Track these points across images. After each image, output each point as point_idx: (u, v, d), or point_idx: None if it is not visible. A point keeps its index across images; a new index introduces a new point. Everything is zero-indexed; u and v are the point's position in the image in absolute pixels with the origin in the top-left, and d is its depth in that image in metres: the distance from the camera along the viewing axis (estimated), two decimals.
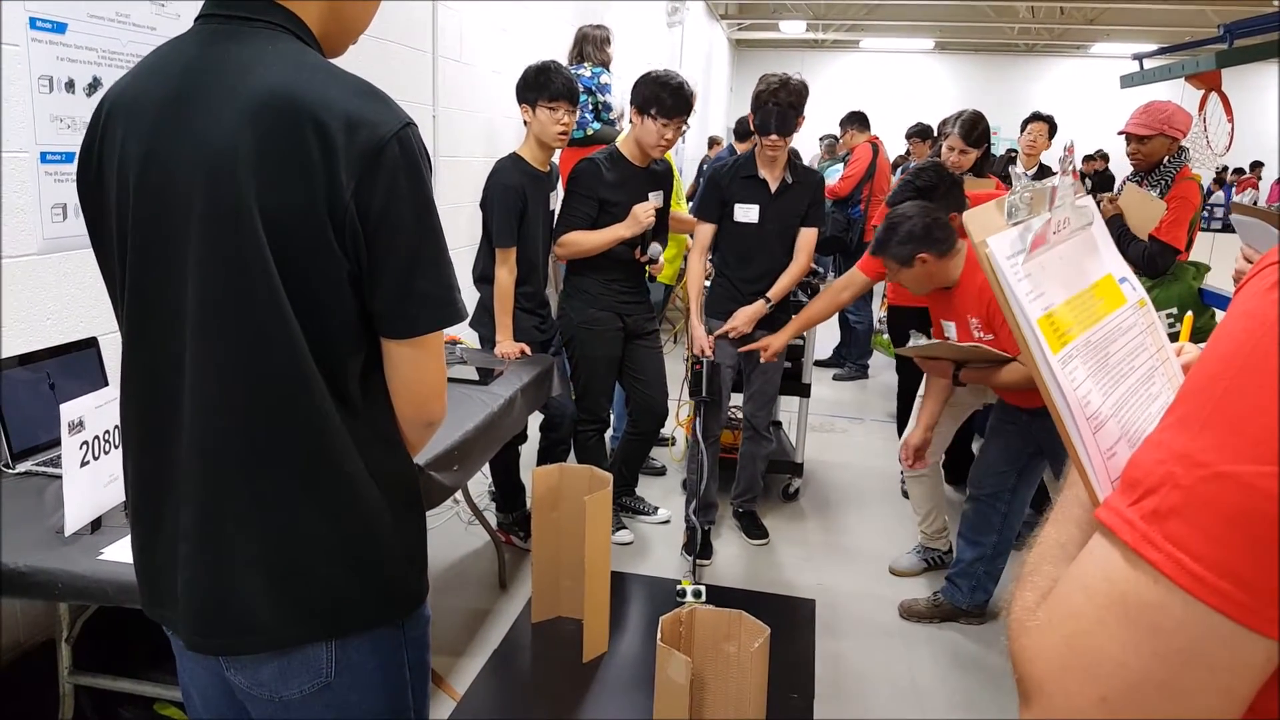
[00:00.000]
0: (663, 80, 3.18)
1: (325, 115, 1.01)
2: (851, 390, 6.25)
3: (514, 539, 3.53)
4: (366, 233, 1.05)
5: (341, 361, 1.10)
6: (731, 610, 2.15)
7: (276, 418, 1.07)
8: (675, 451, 4.44)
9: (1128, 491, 0.57)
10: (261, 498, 1.09)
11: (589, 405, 3.48)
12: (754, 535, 3.74)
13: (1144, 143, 3.52)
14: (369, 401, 1.14)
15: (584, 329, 3.39)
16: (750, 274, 3.41)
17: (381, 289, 1.08)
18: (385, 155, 1.03)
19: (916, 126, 7.65)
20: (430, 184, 1.10)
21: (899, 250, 2.85)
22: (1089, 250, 0.77)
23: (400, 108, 1.08)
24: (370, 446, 1.14)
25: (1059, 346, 0.67)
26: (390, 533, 1.17)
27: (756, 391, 3.60)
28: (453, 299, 1.14)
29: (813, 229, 3.43)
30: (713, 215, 3.40)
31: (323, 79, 1.05)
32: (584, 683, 2.74)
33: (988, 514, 3.06)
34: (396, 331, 1.11)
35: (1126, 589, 0.54)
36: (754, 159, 3.35)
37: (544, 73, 3.10)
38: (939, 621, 3.20)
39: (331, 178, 1.01)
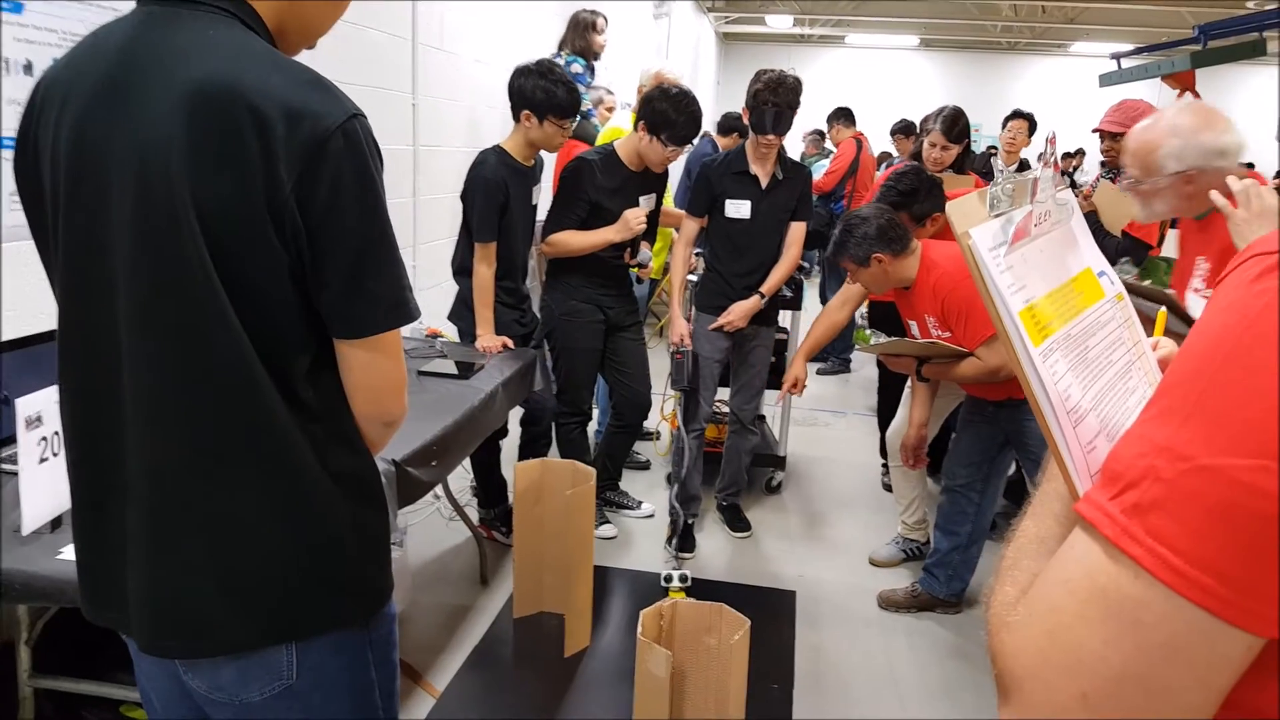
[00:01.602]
0: (677, 104, 3.15)
1: (264, 105, 0.97)
2: (834, 384, 6.26)
3: (495, 534, 3.50)
4: (309, 229, 1.01)
5: (289, 359, 1.06)
6: (712, 603, 2.14)
7: (222, 417, 1.04)
8: (659, 446, 4.43)
9: (1108, 485, 0.56)
10: (210, 499, 1.06)
11: (571, 398, 3.46)
12: (737, 528, 3.74)
13: (1117, 140, 3.58)
14: (322, 399, 1.10)
15: (565, 320, 3.38)
16: (742, 268, 3.40)
17: (327, 288, 1.04)
18: (329, 149, 0.99)
19: (900, 123, 7.68)
20: (380, 179, 1.06)
21: (856, 251, 2.91)
22: (1069, 244, 0.76)
23: (347, 98, 1.04)
24: (325, 445, 1.10)
25: (1040, 340, 0.66)
26: (350, 532, 1.14)
27: (743, 385, 3.60)
28: (404, 299, 1.10)
29: (802, 223, 3.45)
30: (702, 210, 3.41)
31: (264, 67, 1.01)
32: (566, 678, 2.73)
33: (962, 504, 3.10)
34: (346, 332, 1.08)
35: (1107, 583, 0.54)
36: (744, 154, 3.34)
37: (554, 84, 3.02)
38: (917, 611, 3.22)
39: (270, 172, 0.97)
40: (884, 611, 3.24)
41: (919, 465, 3.24)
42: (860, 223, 2.91)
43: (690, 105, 3.18)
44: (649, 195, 3.39)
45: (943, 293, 2.83)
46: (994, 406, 2.96)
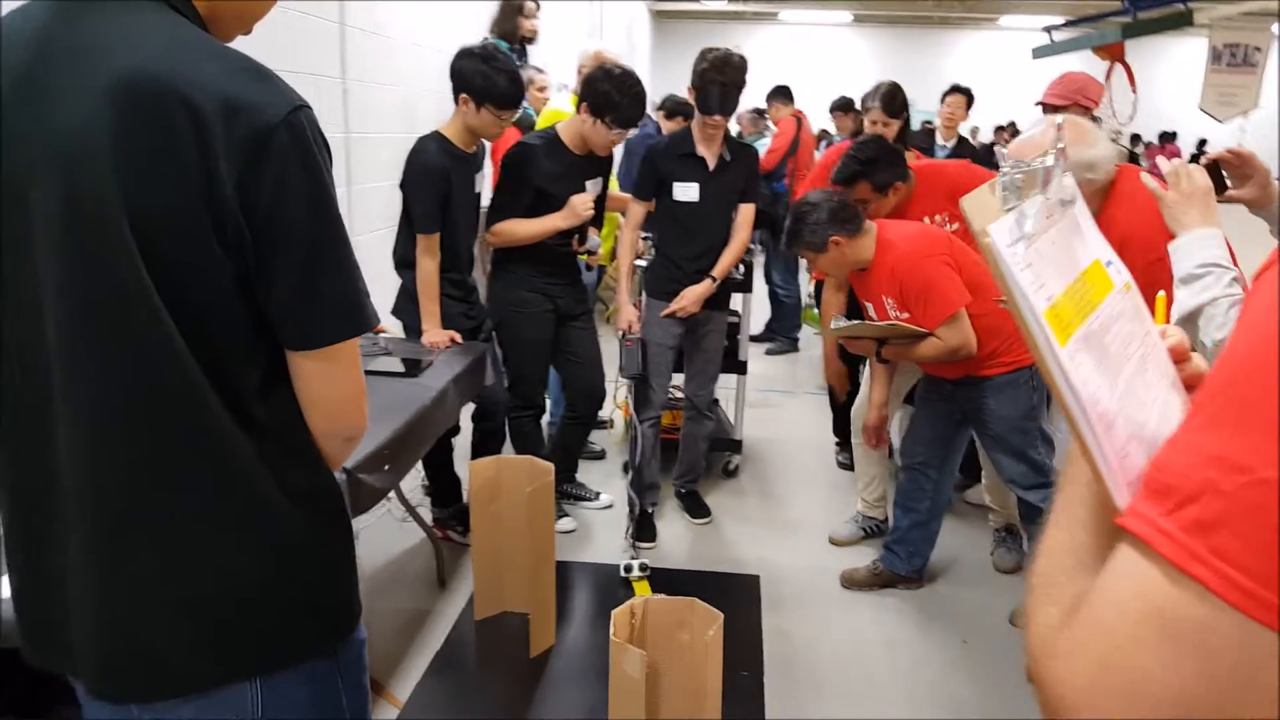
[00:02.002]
0: (621, 85, 3.07)
1: (199, 98, 0.88)
2: (782, 364, 6.26)
3: (451, 534, 3.41)
4: (254, 232, 0.93)
5: (238, 374, 0.98)
6: (683, 598, 2.09)
7: (167, 441, 0.96)
8: (614, 434, 4.37)
9: (1159, 499, 0.52)
10: (158, 528, 0.98)
11: (523, 391, 3.38)
12: (697, 514, 3.70)
13: (1059, 113, 3.59)
14: (276, 415, 1.02)
15: (513, 311, 3.29)
16: (692, 252, 3.35)
17: (277, 295, 0.96)
18: (272, 144, 0.91)
19: (839, 100, 7.67)
20: (329, 174, 0.98)
21: (812, 238, 2.87)
22: (1075, 233, 0.71)
23: (290, 88, 0.96)
24: (282, 464, 1.02)
25: (1065, 340, 0.61)
26: (313, 555, 1.07)
27: (698, 371, 3.56)
28: (360, 303, 1.02)
29: (751, 204, 3.41)
30: (649, 194, 3.33)
31: (196, 56, 0.92)
32: (533, 678, 2.66)
33: (920, 481, 3.11)
34: (299, 342, 1.00)
35: (1167, 606, 0.50)
36: (689, 136, 3.28)
37: (496, 72, 2.90)
38: (879, 589, 3.22)
39: (208, 170, 0.89)
40: (847, 591, 3.23)
41: (881, 445, 3.23)
42: (811, 208, 2.88)
43: (634, 86, 3.10)
44: (595, 180, 3.31)
45: (901, 273, 2.81)
46: (951, 385, 2.96)
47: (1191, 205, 1.73)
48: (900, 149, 3.38)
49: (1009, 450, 2.91)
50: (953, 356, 2.77)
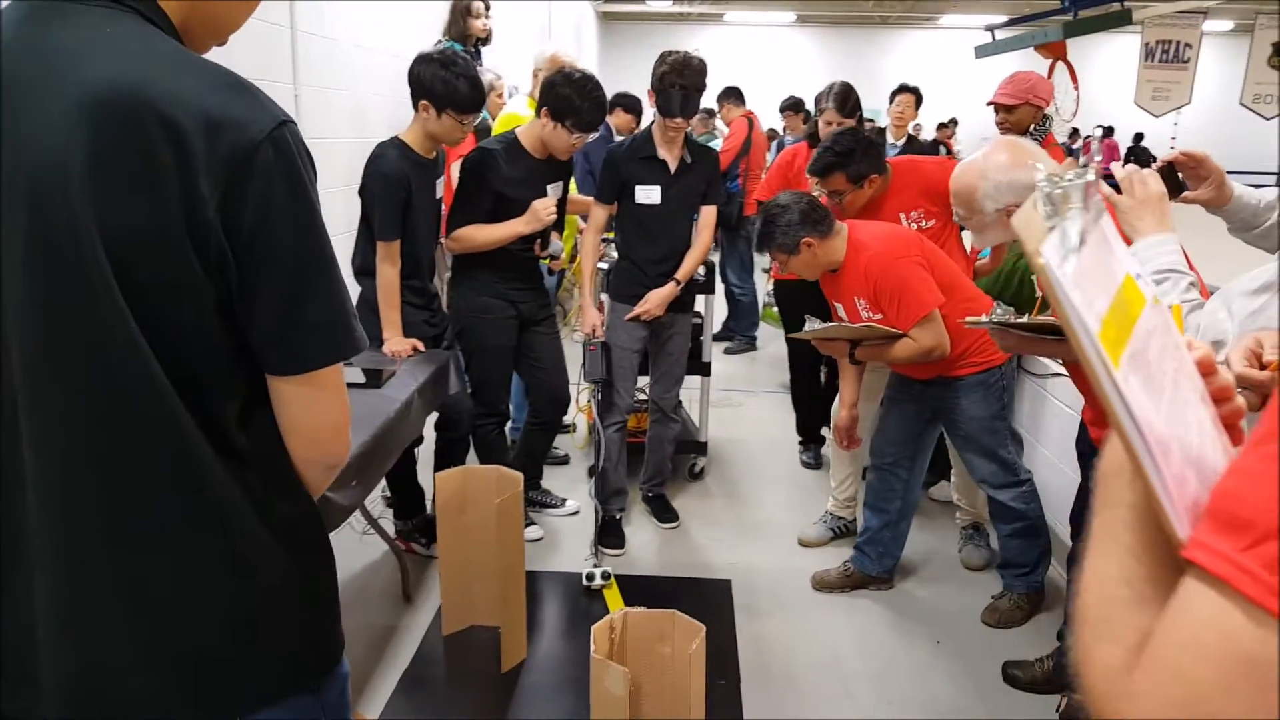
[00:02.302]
0: (581, 89, 3.02)
1: (179, 114, 0.84)
2: (742, 363, 6.25)
3: (415, 547, 3.33)
4: (237, 253, 0.88)
5: (218, 403, 0.93)
6: (663, 611, 2.05)
7: (143, 475, 0.90)
8: (577, 438, 4.32)
9: (1234, 532, 0.49)
10: (133, 565, 0.92)
11: (486, 398, 3.31)
12: (664, 519, 3.67)
13: (1011, 112, 3.66)
14: (256, 444, 0.97)
15: (475, 318, 3.22)
16: (655, 255, 3.32)
17: (261, 319, 0.92)
18: (256, 162, 0.87)
19: (789, 100, 7.71)
20: (315, 191, 0.94)
21: (784, 239, 2.86)
22: (1106, 248, 0.68)
23: (274, 103, 0.91)
24: (264, 497, 0.97)
25: (1117, 362, 0.58)
26: (295, 588, 1.02)
27: (663, 374, 3.53)
28: (349, 325, 0.98)
29: (713, 206, 3.40)
30: (611, 197, 3.30)
31: (173, 69, 0.87)
32: (506, 692, 2.61)
33: (890, 482, 3.11)
34: (282, 367, 0.95)
35: (1253, 650, 0.46)
36: (650, 139, 3.25)
37: (457, 78, 2.82)
38: (850, 590, 3.21)
39: (189, 190, 0.84)
40: (820, 593, 3.22)
41: (853, 446, 3.22)
42: (782, 210, 2.86)
43: (595, 90, 3.06)
44: (555, 184, 3.25)
45: (874, 274, 2.80)
46: (921, 385, 2.96)
47: (1146, 210, 1.72)
48: (878, 142, 3.39)
49: (980, 450, 2.92)
50: (926, 357, 2.76)
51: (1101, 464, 0.67)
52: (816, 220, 2.84)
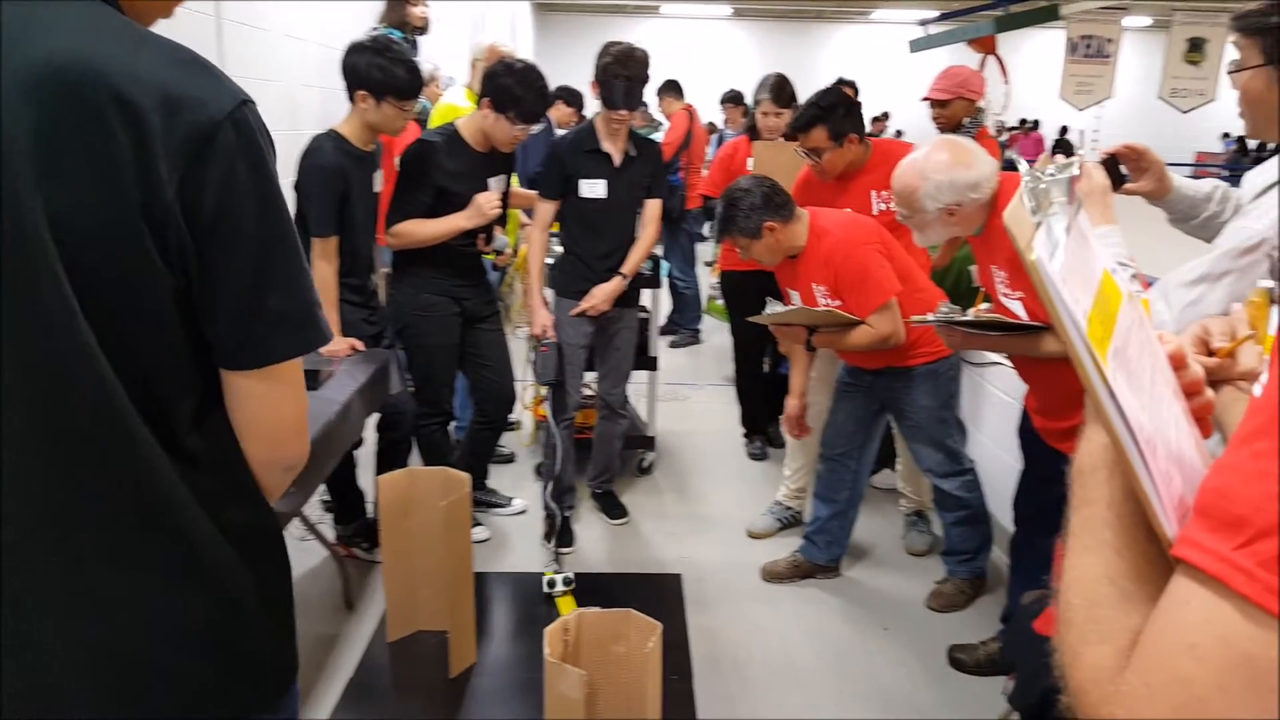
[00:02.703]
0: (524, 80, 2.96)
1: (134, 92, 0.78)
2: (687, 356, 6.25)
3: (356, 552, 3.24)
4: (198, 239, 0.83)
5: (171, 402, 0.87)
6: (618, 610, 2.01)
7: (88, 480, 0.84)
8: (523, 436, 4.26)
9: (1227, 531, 0.48)
10: (81, 579, 0.86)
11: (430, 397, 3.24)
12: (614, 515, 3.64)
13: (945, 107, 3.70)
14: (211, 446, 0.92)
15: (418, 316, 3.14)
16: (601, 250, 3.27)
17: (221, 310, 0.87)
18: (218, 142, 0.82)
19: (730, 92, 7.72)
20: (276, 175, 0.89)
21: (746, 224, 2.83)
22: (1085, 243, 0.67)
23: (232, 81, 0.86)
24: (218, 501, 0.92)
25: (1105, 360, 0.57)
26: (254, 602, 0.96)
27: (611, 369, 3.49)
28: (314, 316, 0.93)
29: (658, 200, 3.36)
30: (556, 192, 3.23)
31: (128, 45, 0.81)
32: (455, 699, 2.55)
33: (840, 472, 3.12)
34: (244, 361, 0.90)
35: (1251, 649, 0.46)
36: (593, 132, 3.20)
37: (393, 63, 2.75)
38: (799, 580, 3.22)
39: (146, 172, 0.79)
40: (770, 585, 3.22)
41: (804, 434, 3.22)
42: (744, 194, 2.84)
43: (538, 80, 3.01)
44: (498, 177, 3.19)
45: (836, 261, 2.79)
46: (871, 376, 2.97)
47: (1091, 203, 1.75)
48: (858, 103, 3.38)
49: (927, 439, 2.94)
50: (883, 344, 2.77)
51: (1077, 461, 0.67)
52: (779, 205, 2.83)
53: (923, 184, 2.26)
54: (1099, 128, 16.67)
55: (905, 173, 2.32)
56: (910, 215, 2.35)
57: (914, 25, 11.39)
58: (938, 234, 2.37)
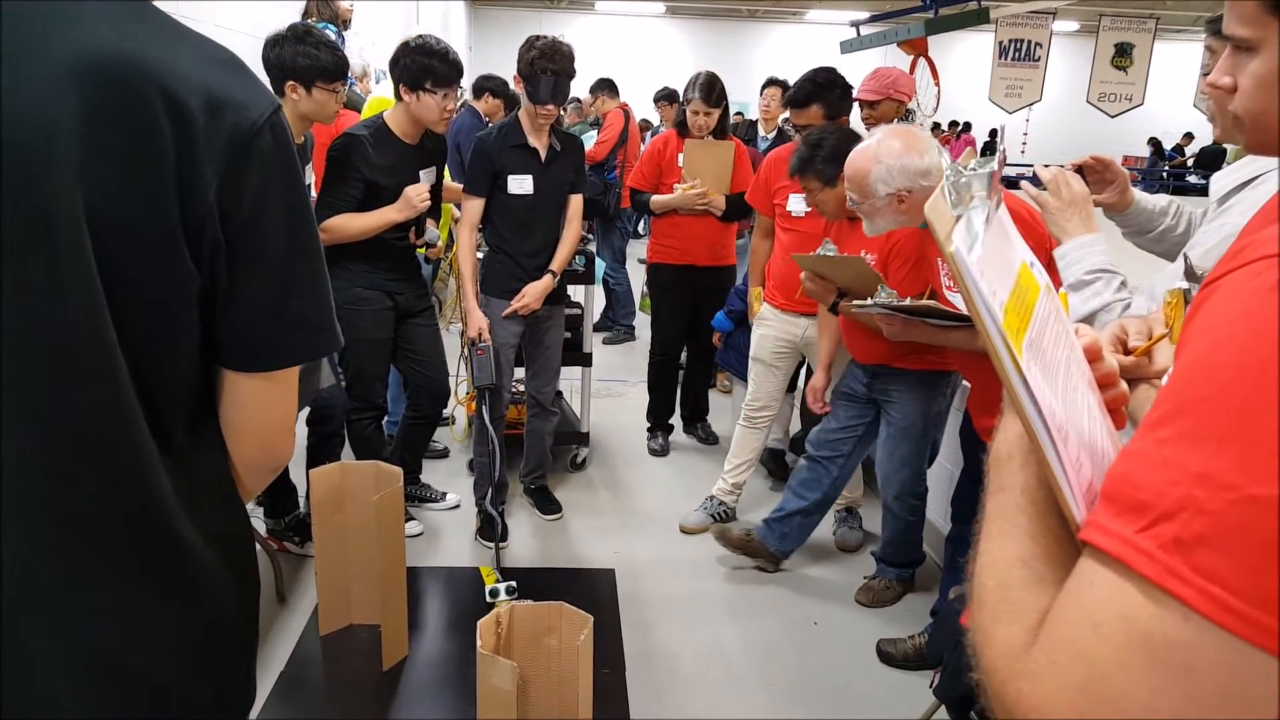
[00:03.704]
0: (428, 49, 2.94)
1: (181, 90, 0.78)
2: (621, 353, 6.28)
3: (288, 545, 3.22)
4: (230, 242, 0.83)
5: (174, 404, 0.87)
6: (550, 603, 2.05)
7: (87, 480, 0.82)
8: (456, 431, 4.25)
9: (1131, 515, 0.51)
10: (75, 584, 0.83)
11: (362, 392, 3.22)
12: (548, 510, 3.65)
13: (874, 107, 3.75)
14: (202, 448, 0.92)
15: (350, 310, 3.11)
16: (531, 247, 3.26)
17: (244, 312, 0.87)
18: (257, 145, 0.83)
19: (663, 90, 7.76)
20: (304, 180, 0.90)
21: (825, 169, 2.79)
22: (1004, 237, 0.70)
23: (265, 84, 0.87)
24: (202, 503, 0.91)
25: (1020, 350, 0.60)
26: (233, 614, 0.95)
27: (541, 367, 3.49)
28: (330, 322, 0.94)
29: (580, 195, 3.35)
30: (484, 188, 3.19)
31: (172, 40, 0.81)
32: (388, 691, 2.55)
33: (819, 473, 3.10)
34: (258, 363, 0.90)
35: (1150, 627, 0.48)
36: (519, 127, 3.17)
37: (315, 48, 2.74)
38: (742, 554, 3.25)
39: (188, 171, 0.78)
40: (702, 580, 3.26)
41: (826, 409, 3.21)
42: (826, 137, 2.79)
43: (438, 45, 2.98)
44: (429, 169, 3.18)
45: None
46: (870, 376, 2.93)
47: (1074, 212, 1.78)
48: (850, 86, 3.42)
49: (899, 453, 2.91)
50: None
51: (993, 449, 0.69)
52: None
53: (875, 168, 2.28)
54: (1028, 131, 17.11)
55: (858, 157, 2.34)
56: (862, 200, 2.35)
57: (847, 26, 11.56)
58: (887, 222, 2.37)
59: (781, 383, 3.57)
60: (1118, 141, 17.33)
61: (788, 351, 3.47)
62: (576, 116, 9.55)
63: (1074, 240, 1.76)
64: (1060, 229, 1.78)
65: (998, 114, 14.64)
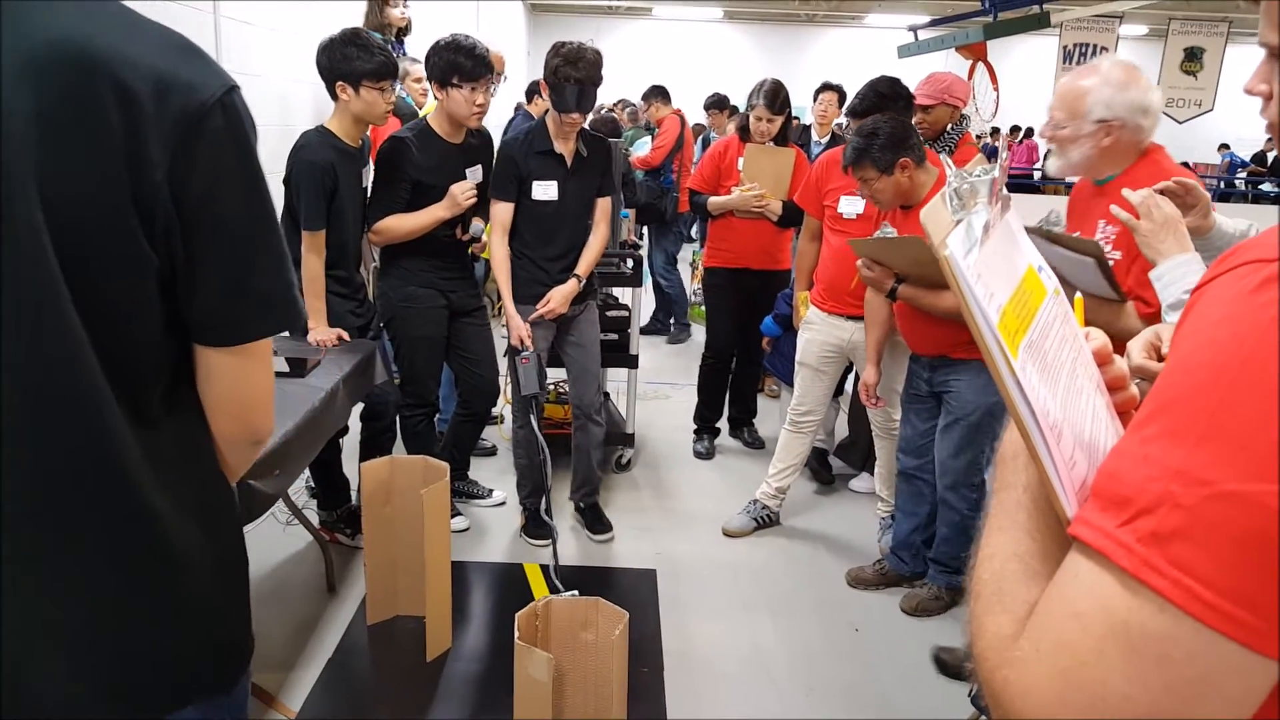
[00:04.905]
0: (455, 45, 2.99)
1: (128, 75, 0.81)
2: (669, 356, 6.29)
3: (339, 537, 3.31)
4: (184, 221, 0.86)
5: (144, 381, 0.90)
6: (587, 598, 2.09)
7: (57, 454, 0.86)
8: (504, 430, 4.31)
9: (1114, 510, 0.53)
10: (48, 551, 0.87)
11: (416, 389, 3.29)
12: (598, 530, 3.52)
13: (929, 112, 3.72)
14: (181, 423, 0.95)
15: (405, 308, 3.19)
16: (554, 253, 3.22)
17: (205, 290, 0.90)
18: (207, 125, 0.85)
19: (713, 97, 7.76)
20: (259, 159, 0.93)
21: (882, 157, 2.79)
22: (1012, 241, 0.72)
23: (220, 67, 0.90)
24: (181, 477, 0.95)
25: (1015, 351, 0.61)
26: (214, 580, 0.99)
27: (578, 373, 3.41)
28: (292, 297, 0.97)
29: (608, 198, 3.32)
30: (510, 193, 3.16)
31: (123, 28, 0.85)
32: (430, 682, 2.61)
33: (918, 486, 3.10)
34: (223, 338, 0.93)
35: (1128, 618, 0.50)
36: (545, 132, 3.15)
37: (363, 49, 2.82)
38: (885, 588, 3.24)
39: (137, 153, 0.82)
40: (743, 583, 3.27)
41: (880, 404, 3.23)
42: (882, 126, 2.80)
43: (467, 40, 3.01)
44: (474, 167, 3.22)
45: None
46: (929, 371, 2.92)
47: (1167, 233, 1.77)
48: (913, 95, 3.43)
49: (958, 441, 2.87)
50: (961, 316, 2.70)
51: (1000, 448, 0.72)
52: (915, 145, 2.80)
53: (1097, 90, 2.17)
54: None
55: (1077, 77, 2.23)
56: (1067, 123, 2.22)
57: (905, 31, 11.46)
58: (1080, 156, 2.24)
59: (828, 387, 3.56)
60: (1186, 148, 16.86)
61: (834, 356, 3.47)
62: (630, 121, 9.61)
63: (1170, 260, 1.74)
64: (1155, 250, 1.77)
65: None
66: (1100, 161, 2.23)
